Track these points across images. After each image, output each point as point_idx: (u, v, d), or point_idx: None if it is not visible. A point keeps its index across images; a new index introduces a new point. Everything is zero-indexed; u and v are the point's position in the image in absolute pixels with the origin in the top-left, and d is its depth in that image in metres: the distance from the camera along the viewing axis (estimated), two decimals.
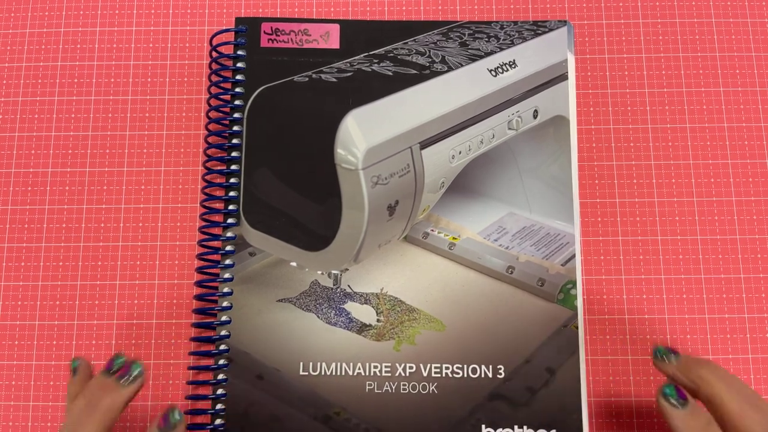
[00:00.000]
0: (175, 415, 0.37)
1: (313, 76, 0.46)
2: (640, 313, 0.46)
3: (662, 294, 0.46)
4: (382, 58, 0.47)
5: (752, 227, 0.47)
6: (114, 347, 0.45)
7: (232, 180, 0.46)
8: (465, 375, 0.43)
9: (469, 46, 0.47)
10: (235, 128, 0.46)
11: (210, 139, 0.47)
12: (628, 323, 0.46)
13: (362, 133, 0.42)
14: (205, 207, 0.46)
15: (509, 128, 0.47)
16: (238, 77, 0.47)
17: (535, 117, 0.48)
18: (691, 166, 0.48)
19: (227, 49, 0.48)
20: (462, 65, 0.46)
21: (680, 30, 0.50)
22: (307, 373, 0.43)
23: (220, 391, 0.43)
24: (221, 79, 0.47)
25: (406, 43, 0.48)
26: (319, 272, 0.45)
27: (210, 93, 0.47)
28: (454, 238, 0.47)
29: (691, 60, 0.50)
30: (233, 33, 0.48)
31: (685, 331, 0.46)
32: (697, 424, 0.33)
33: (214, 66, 0.48)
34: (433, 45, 0.47)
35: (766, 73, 0.49)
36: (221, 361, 0.43)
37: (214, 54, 0.47)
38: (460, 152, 0.45)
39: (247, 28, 0.48)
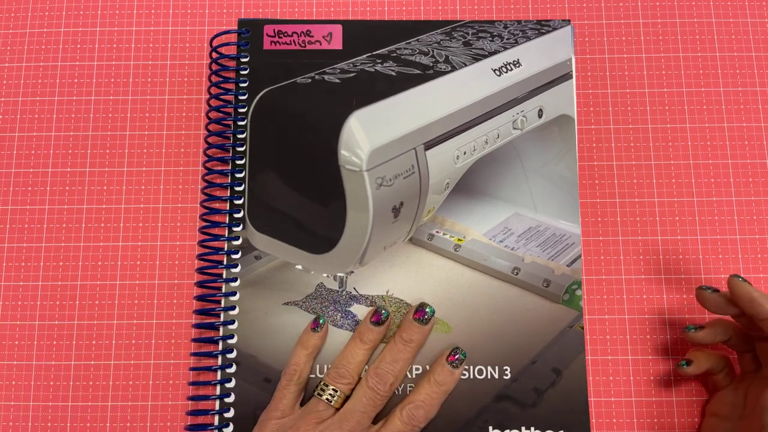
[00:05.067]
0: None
1: (316, 77, 0.46)
2: (640, 312, 0.46)
3: (662, 294, 0.46)
4: (385, 58, 0.47)
5: (752, 227, 0.47)
6: (114, 347, 0.45)
7: (237, 183, 0.46)
8: (471, 376, 0.43)
9: (473, 46, 0.47)
10: (239, 131, 0.46)
11: (210, 140, 0.47)
12: (628, 323, 0.46)
13: (366, 135, 0.41)
14: (205, 207, 0.46)
15: (514, 128, 0.47)
16: (241, 79, 0.47)
17: (540, 116, 0.47)
18: (691, 166, 0.48)
19: (228, 50, 0.48)
20: (466, 65, 0.46)
21: (680, 30, 0.50)
22: (314, 376, 0.43)
23: (226, 394, 0.43)
24: (222, 79, 0.47)
25: (409, 43, 0.48)
26: (325, 275, 0.45)
27: (210, 93, 0.47)
28: (459, 240, 0.47)
29: (691, 60, 0.50)
30: (236, 34, 0.48)
31: None
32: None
33: (215, 67, 0.48)
34: (436, 45, 0.47)
35: (766, 73, 0.49)
36: (225, 362, 0.43)
37: (215, 55, 0.47)
38: (464, 153, 0.45)
39: (250, 30, 0.48)
